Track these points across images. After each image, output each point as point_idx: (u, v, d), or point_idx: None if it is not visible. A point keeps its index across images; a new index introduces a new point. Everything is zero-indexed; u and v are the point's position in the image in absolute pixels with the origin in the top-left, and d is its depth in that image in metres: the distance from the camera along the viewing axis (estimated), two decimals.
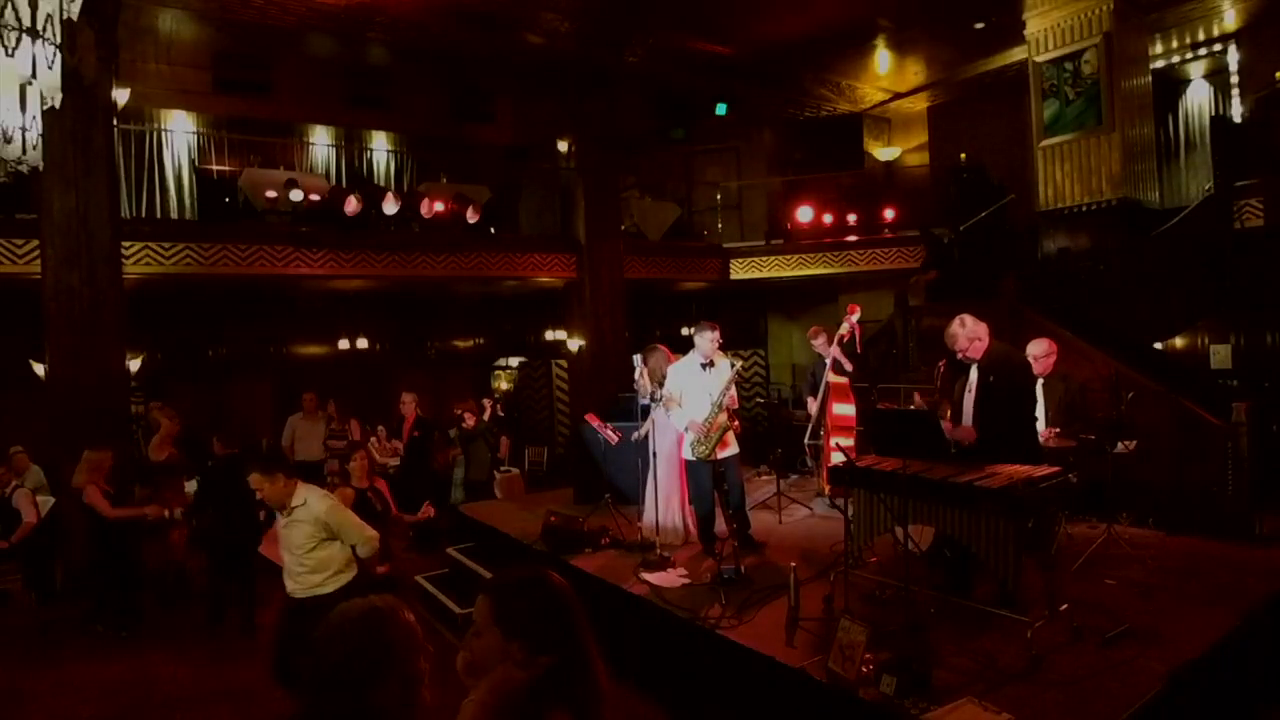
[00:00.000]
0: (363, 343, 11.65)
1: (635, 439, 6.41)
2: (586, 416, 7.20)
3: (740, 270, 12.51)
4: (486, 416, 9.11)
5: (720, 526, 5.82)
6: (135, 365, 8.12)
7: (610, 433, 6.76)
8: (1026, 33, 10.01)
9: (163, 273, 8.44)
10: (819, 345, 7.26)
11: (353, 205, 9.61)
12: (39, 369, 7.48)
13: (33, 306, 7.34)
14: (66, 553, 7.04)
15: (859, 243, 11.99)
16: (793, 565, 4.47)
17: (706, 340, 5.67)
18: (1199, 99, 10.98)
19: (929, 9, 9.94)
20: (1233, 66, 10.34)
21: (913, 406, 6.38)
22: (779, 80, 12.26)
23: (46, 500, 7.18)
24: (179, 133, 11.21)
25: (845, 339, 6.87)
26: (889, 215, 12.05)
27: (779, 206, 13.16)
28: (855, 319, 6.88)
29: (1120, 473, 5.40)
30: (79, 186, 7.22)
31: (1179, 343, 9.31)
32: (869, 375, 7.68)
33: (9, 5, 2.79)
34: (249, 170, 10.63)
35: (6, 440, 7.52)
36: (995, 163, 11.79)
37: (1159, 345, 8.62)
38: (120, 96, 8.15)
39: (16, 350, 8.04)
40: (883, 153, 14.18)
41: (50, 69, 3.01)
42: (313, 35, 10.14)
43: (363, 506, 5.08)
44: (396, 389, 9.05)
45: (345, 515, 4.20)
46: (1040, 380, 5.39)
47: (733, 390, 5.67)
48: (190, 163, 11.28)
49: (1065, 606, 3.87)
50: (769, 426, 11.33)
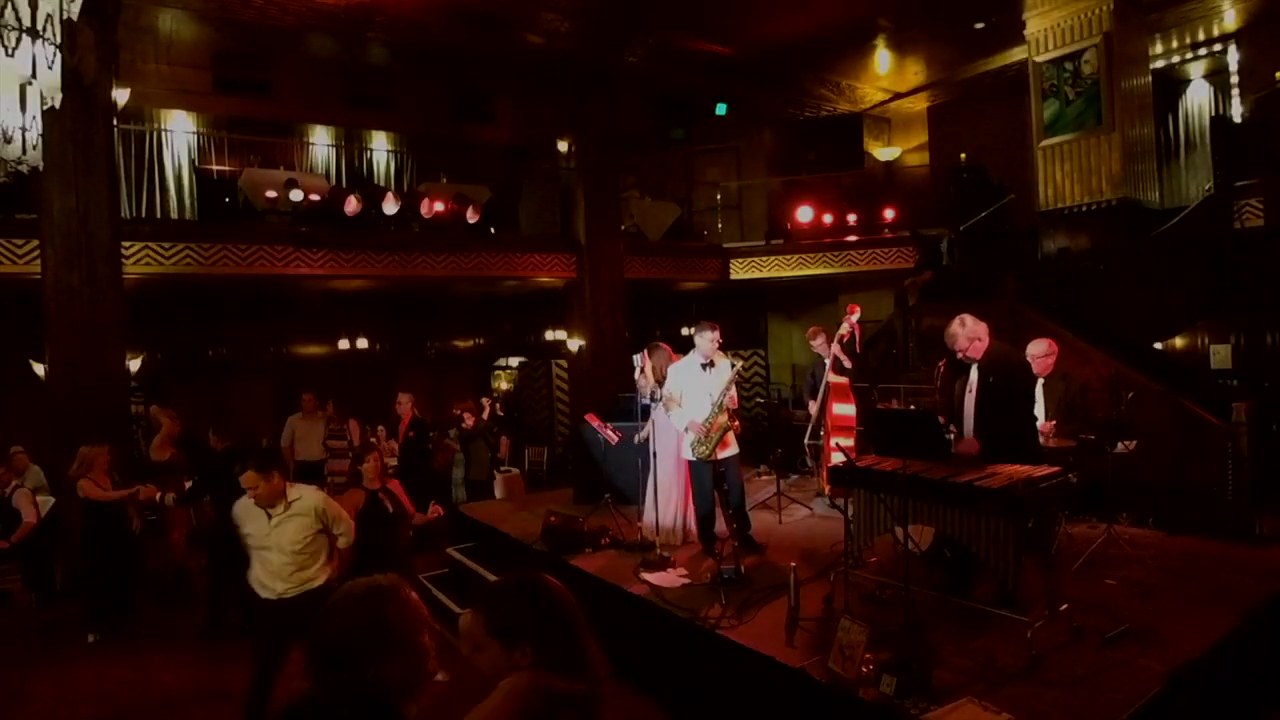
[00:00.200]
0: (363, 343, 11.64)
1: (637, 441, 6.41)
2: (586, 416, 7.20)
3: (740, 270, 12.51)
4: (485, 416, 9.11)
5: (720, 526, 5.82)
6: (135, 365, 8.12)
7: (610, 433, 6.76)
8: (1026, 33, 10.02)
9: (163, 273, 8.44)
10: (818, 345, 7.26)
11: (353, 205, 9.62)
12: (39, 369, 7.48)
13: (33, 306, 7.34)
14: (66, 553, 7.05)
15: (859, 243, 11.99)
16: (793, 565, 4.47)
17: (707, 340, 5.67)
18: (1199, 99, 10.98)
19: (929, 9, 9.94)
20: (1233, 66, 10.34)
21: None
22: (779, 80, 12.26)
23: (46, 500, 7.18)
24: (179, 133, 11.21)
25: (845, 339, 6.88)
26: (889, 215, 12.05)
27: (779, 206, 13.16)
28: (855, 319, 6.89)
29: (1120, 473, 5.39)
30: (79, 186, 7.22)
31: (1179, 343, 9.32)
32: (869, 375, 7.69)
33: (9, 5, 2.79)
34: (249, 170, 10.64)
35: (6, 440, 7.52)
36: (995, 163, 11.80)
37: (1159, 345, 8.63)
38: (120, 96, 8.15)
39: (16, 350, 8.04)
40: (883, 153, 14.18)
41: (50, 69, 3.01)
42: (313, 35, 10.15)
43: (373, 509, 4.96)
44: (396, 389, 9.04)
45: (336, 505, 4.34)
46: (1040, 380, 5.39)
47: (733, 390, 5.67)
48: (190, 163, 11.28)
49: (1065, 606, 3.87)
50: (769, 426, 11.33)
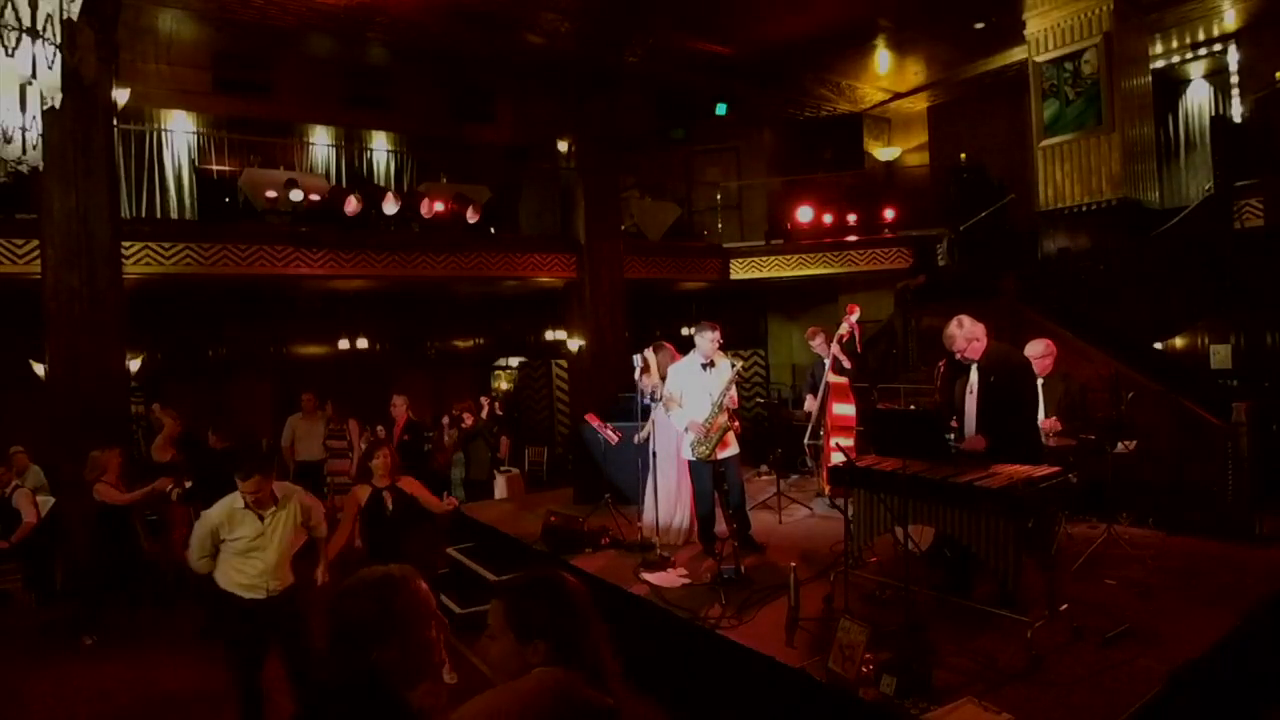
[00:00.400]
0: (363, 343, 11.64)
1: (637, 441, 6.41)
2: (586, 416, 7.19)
3: (740, 270, 12.51)
4: (485, 415, 9.10)
5: (720, 526, 5.82)
6: (135, 365, 8.11)
7: (610, 433, 6.76)
8: (1026, 33, 10.02)
9: (163, 273, 8.44)
10: (817, 345, 7.26)
11: (353, 205, 9.62)
12: (39, 369, 7.47)
13: (33, 306, 7.34)
14: (66, 553, 7.04)
15: (859, 243, 11.98)
16: (793, 565, 4.47)
17: (707, 340, 5.68)
18: (1199, 99, 10.98)
19: (929, 9, 9.94)
20: (1233, 66, 10.35)
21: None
22: (779, 80, 12.26)
23: (46, 500, 7.19)
24: (179, 133, 11.21)
25: (845, 339, 6.88)
26: (889, 215, 12.05)
27: (779, 206, 13.16)
28: (855, 319, 6.90)
29: (1120, 473, 5.40)
30: (79, 186, 7.21)
31: (1179, 343, 9.31)
32: (869, 375, 7.68)
33: (9, 5, 2.79)
34: (249, 170, 10.63)
35: (6, 440, 7.52)
36: (995, 163, 11.79)
37: (1159, 345, 8.62)
38: (120, 96, 8.15)
39: (16, 350, 8.04)
40: (883, 153, 14.18)
41: (50, 69, 3.01)
42: (313, 35, 10.15)
43: (375, 506, 4.82)
44: (397, 389, 9.04)
45: (310, 497, 4.46)
46: (1040, 380, 5.39)
47: (733, 390, 5.67)
48: (190, 163, 11.28)
49: (1065, 606, 3.87)
50: (770, 427, 11.33)
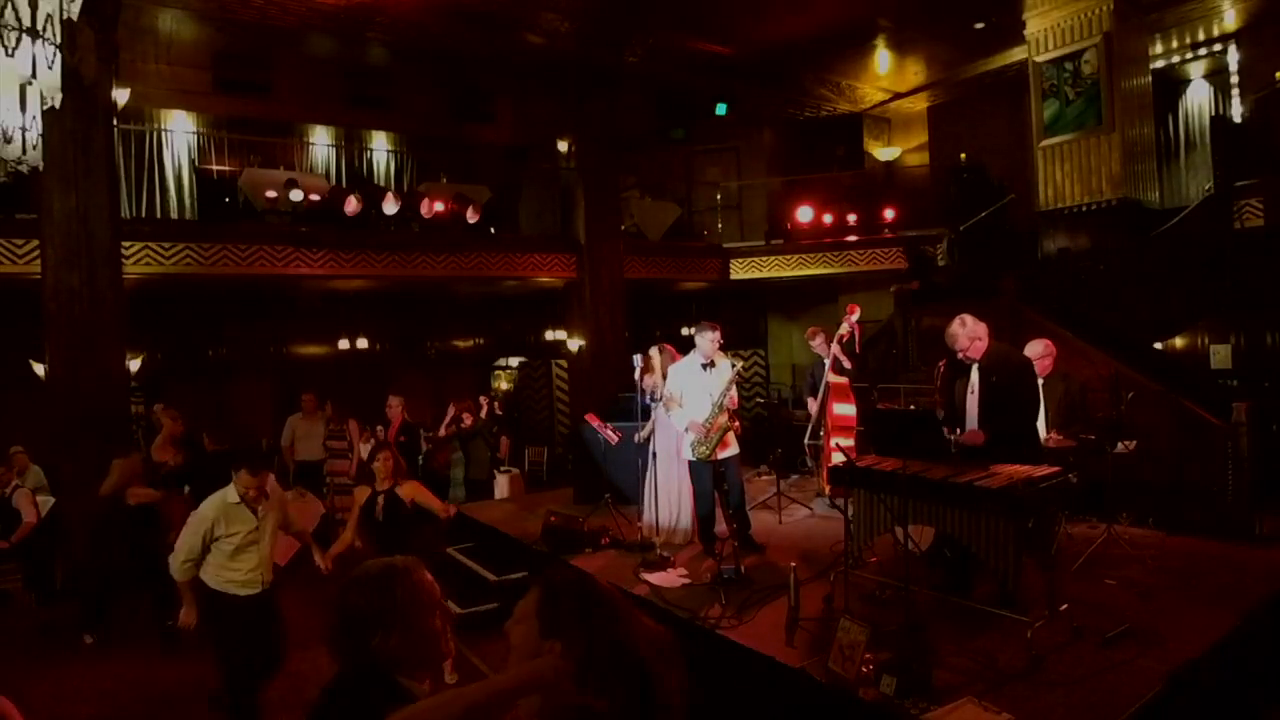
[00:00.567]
0: (363, 343, 11.64)
1: (639, 440, 6.41)
2: (586, 416, 7.20)
3: (740, 270, 12.51)
4: (484, 415, 9.11)
5: (720, 526, 5.82)
6: (135, 365, 8.11)
7: (610, 433, 6.76)
8: (1026, 33, 10.01)
9: (163, 273, 8.43)
10: (817, 345, 7.26)
11: (353, 205, 9.62)
12: (39, 369, 7.47)
13: (33, 306, 7.34)
14: (66, 553, 7.04)
15: (859, 243, 11.98)
16: (793, 565, 4.47)
17: (707, 340, 5.68)
18: (1199, 99, 10.97)
19: (929, 9, 9.93)
20: (1233, 66, 10.34)
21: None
22: (779, 80, 12.26)
23: (46, 500, 7.18)
24: (179, 133, 11.20)
25: (845, 339, 6.89)
26: (889, 215, 12.05)
27: (779, 206, 13.15)
28: (855, 319, 6.91)
29: (1120, 473, 5.40)
30: (79, 186, 7.21)
31: (1179, 343, 9.31)
32: (869, 375, 7.68)
33: (9, 5, 2.79)
34: (249, 170, 10.63)
35: (6, 440, 7.52)
36: (995, 163, 11.78)
37: (1159, 345, 8.62)
38: (120, 96, 8.15)
39: (16, 350, 8.04)
40: (883, 153, 14.17)
41: (50, 69, 3.01)
42: (313, 35, 10.14)
43: (370, 509, 4.71)
44: (397, 389, 9.03)
45: (281, 491, 4.59)
46: (1040, 380, 5.39)
47: (733, 391, 5.67)
48: (190, 163, 11.27)
49: (1065, 606, 3.87)
50: (770, 428, 11.33)
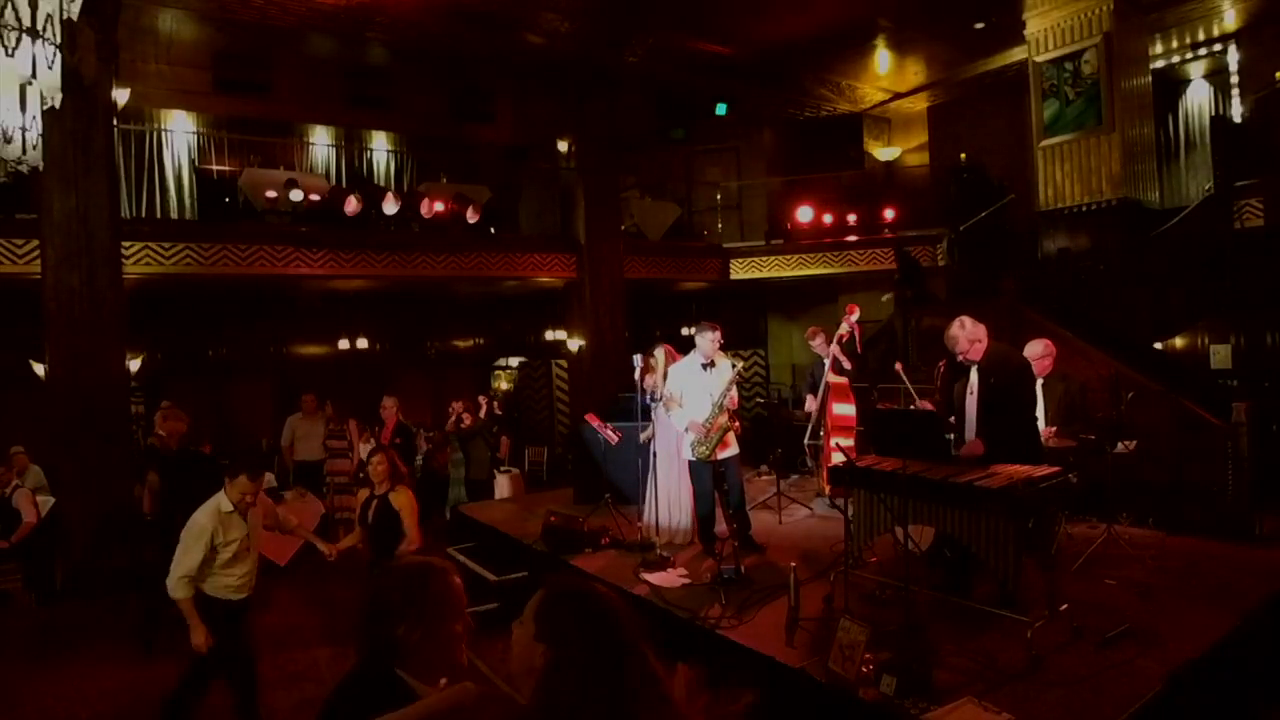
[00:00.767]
0: (363, 343, 11.64)
1: (642, 440, 6.42)
2: (586, 416, 7.20)
3: (740, 270, 12.51)
4: (483, 414, 9.10)
5: (720, 526, 5.82)
6: (135, 365, 8.12)
7: (610, 433, 6.76)
8: (1026, 33, 10.00)
9: (163, 273, 8.44)
10: (817, 345, 7.26)
11: (353, 205, 9.62)
12: (39, 369, 7.47)
13: (33, 306, 7.34)
14: (66, 553, 7.04)
15: (859, 243, 11.98)
16: (793, 565, 4.46)
17: (707, 340, 5.68)
18: (1199, 99, 10.97)
19: (929, 9, 9.93)
20: (1233, 66, 10.34)
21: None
22: (779, 80, 12.25)
23: (46, 500, 7.18)
24: (179, 133, 11.21)
25: (845, 339, 6.89)
26: (889, 215, 12.05)
27: (779, 206, 13.16)
28: (855, 319, 6.91)
29: (1120, 473, 5.40)
30: (79, 186, 7.22)
31: (1179, 343, 9.30)
32: (869, 375, 7.68)
33: (9, 5, 2.79)
34: (249, 170, 10.63)
35: (6, 440, 7.52)
36: (995, 163, 11.78)
37: (1159, 345, 8.62)
38: (120, 96, 8.15)
39: (16, 350, 8.04)
40: (883, 153, 14.17)
41: (50, 69, 3.01)
42: (313, 35, 10.14)
43: (364, 511, 4.64)
44: (396, 389, 9.03)
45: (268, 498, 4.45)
46: (1040, 381, 5.39)
47: (733, 391, 5.67)
48: (190, 163, 11.27)
49: (1065, 606, 3.87)
50: (770, 428, 11.33)
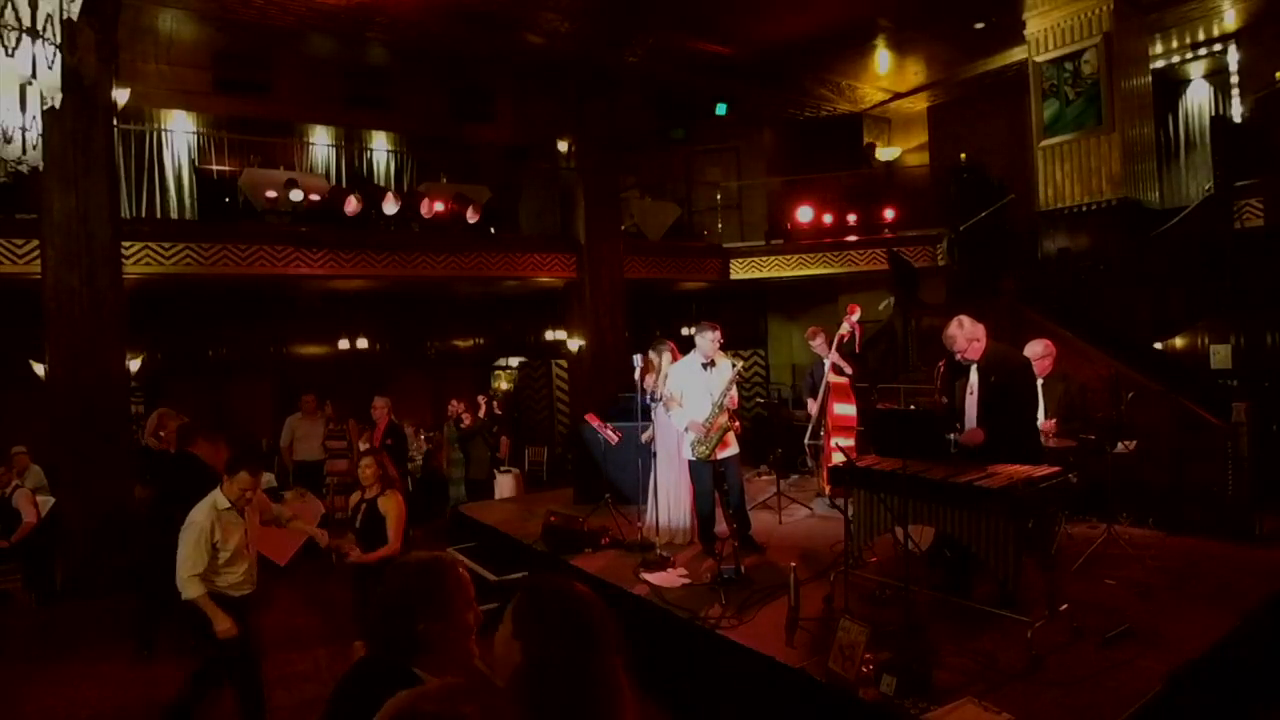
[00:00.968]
0: (363, 343, 11.64)
1: (644, 440, 6.42)
2: (586, 416, 7.20)
3: (740, 270, 12.50)
4: (482, 414, 9.11)
5: (720, 526, 5.82)
6: (135, 365, 8.12)
7: (610, 433, 6.76)
8: (1026, 33, 10.00)
9: (163, 273, 8.43)
10: (817, 345, 7.27)
11: (353, 205, 9.62)
12: (39, 369, 7.47)
13: (33, 306, 7.34)
14: (66, 553, 7.04)
15: (859, 243, 11.97)
16: (793, 565, 4.47)
17: (708, 340, 5.68)
18: (1199, 99, 10.97)
19: (929, 9, 9.93)
20: (1233, 66, 10.33)
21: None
22: (779, 80, 12.25)
23: (46, 500, 7.19)
24: (179, 133, 11.21)
25: (845, 339, 6.90)
26: (889, 215, 12.05)
27: (779, 206, 13.15)
28: (855, 319, 6.92)
29: (1120, 473, 5.40)
30: (79, 186, 7.21)
31: (1179, 343, 9.30)
32: (869, 375, 7.69)
33: (9, 5, 2.79)
34: (249, 170, 10.63)
35: (7, 440, 7.52)
36: (995, 163, 11.78)
37: (1159, 345, 8.62)
38: (120, 96, 8.15)
39: (16, 350, 8.04)
40: (883, 153, 14.16)
41: (50, 69, 3.01)
42: (313, 35, 10.13)
43: (353, 513, 4.64)
44: (397, 389, 9.03)
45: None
46: (1040, 381, 5.39)
47: (733, 390, 5.67)
48: (190, 163, 11.27)
49: (1065, 606, 3.87)
50: (770, 428, 11.33)
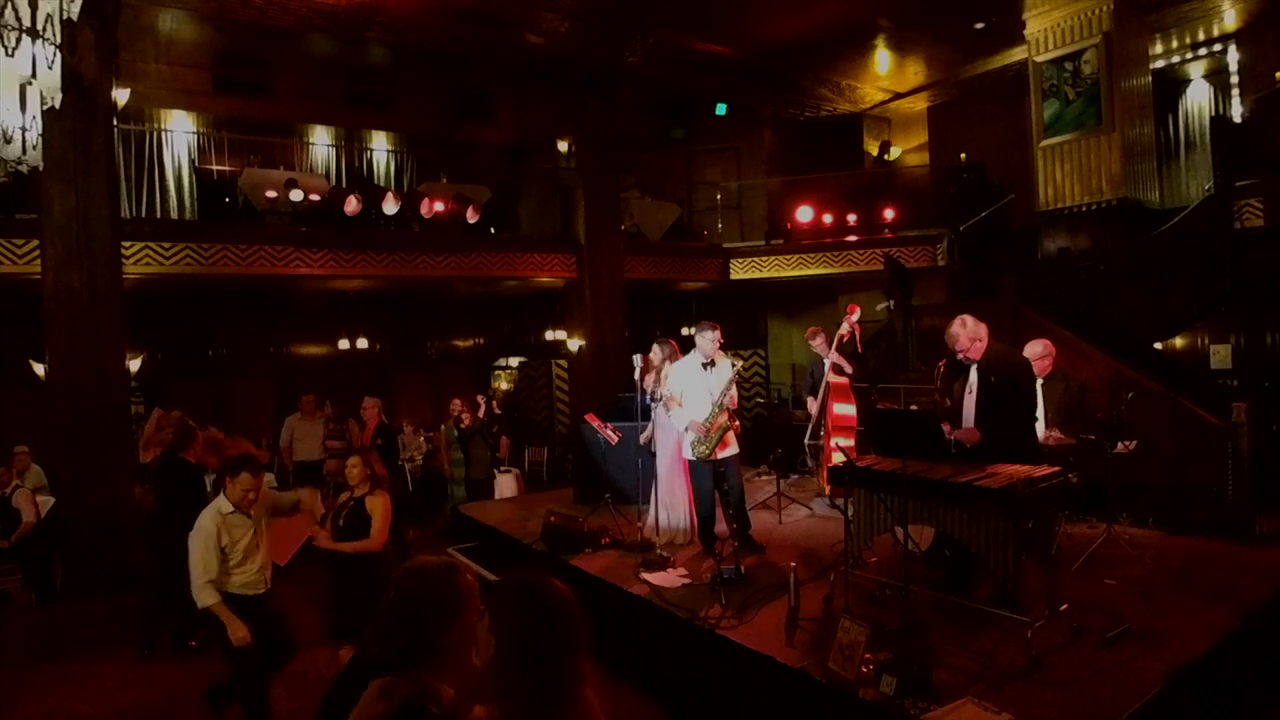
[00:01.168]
0: (363, 343, 11.63)
1: (642, 441, 6.41)
2: (586, 416, 7.20)
3: (740, 270, 12.51)
4: (482, 414, 9.11)
5: (720, 526, 5.82)
6: (135, 365, 8.12)
7: (610, 433, 6.76)
8: (1026, 33, 10.01)
9: (163, 273, 8.43)
10: (817, 345, 7.27)
11: (353, 205, 9.61)
12: (39, 369, 7.48)
13: (33, 306, 7.34)
14: (66, 553, 7.04)
15: (859, 243, 11.97)
16: (793, 565, 4.47)
17: (708, 340, 5.68)
18: (1199, 99, 10.97)
19: (929, 9, 9.93)
20: (1233, 66, 10.34)
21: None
22: (779, 80, 12.25)
23: (46, 500, 7.20)
24: (179, 133, 11.20)
25: (845, 339, 6.90)
26: (889, 215, 12.05)
27: (779, 206, 13.16)
28: (855, 319, 6.92)
29: (1120, 473, 5.40)
30: (79, 186, 7.21)
31: (1179, 343, 9.31)
32: (869, 375, 7.69)
33: (9, 5, 2.79)
34: (249, 170, 10.62)
35: (7, 440, 7.52)
36: (995, 163, 11.78)
37: (1159, 345, 8.62)
38: (120, 96, 8.15)
39: (16, 350, 8.04)
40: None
41: (50, 69, 3.02)
42: (313, 35, 10.14)
43: (338, 512, 4.59)
44: (397, 389, 9.03)
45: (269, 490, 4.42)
46: (1040, 381, 5.39)
47: (733, 390, 5.67)
48: (190, 163, 11.26)
49: (1065, 606, 3.87)
50: (770, 428, 11.32)
